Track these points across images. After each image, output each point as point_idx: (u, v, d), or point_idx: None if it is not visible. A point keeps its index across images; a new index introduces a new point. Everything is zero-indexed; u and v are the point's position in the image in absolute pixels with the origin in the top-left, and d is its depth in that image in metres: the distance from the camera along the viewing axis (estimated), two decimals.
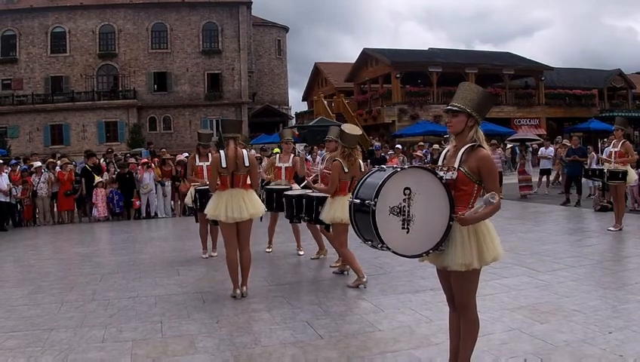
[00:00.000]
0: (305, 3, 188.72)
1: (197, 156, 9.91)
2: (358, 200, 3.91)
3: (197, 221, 10.18)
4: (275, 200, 9.39)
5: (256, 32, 59.41)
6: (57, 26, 49.77)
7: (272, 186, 9.77)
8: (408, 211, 3.80)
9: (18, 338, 5.64)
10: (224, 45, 51.82)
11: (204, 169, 9.63)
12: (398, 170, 3.85)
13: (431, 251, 3.88)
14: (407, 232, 3.81)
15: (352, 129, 7.69)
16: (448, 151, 4.09)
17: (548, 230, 11.73)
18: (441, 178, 3.87)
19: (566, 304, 6.11)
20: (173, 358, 4.98)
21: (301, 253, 9.77)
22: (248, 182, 7.12)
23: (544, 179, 20.46)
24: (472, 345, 4.04)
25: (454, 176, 3.86)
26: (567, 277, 7.34)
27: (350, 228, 6.28)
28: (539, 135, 37.06)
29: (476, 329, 4.03)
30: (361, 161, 7.75)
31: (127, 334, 5.68)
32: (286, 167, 9.92)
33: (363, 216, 3.85)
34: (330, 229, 8.08)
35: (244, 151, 7.10)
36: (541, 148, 22.24)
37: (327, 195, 7.65)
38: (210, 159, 8.95)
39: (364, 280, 7.27)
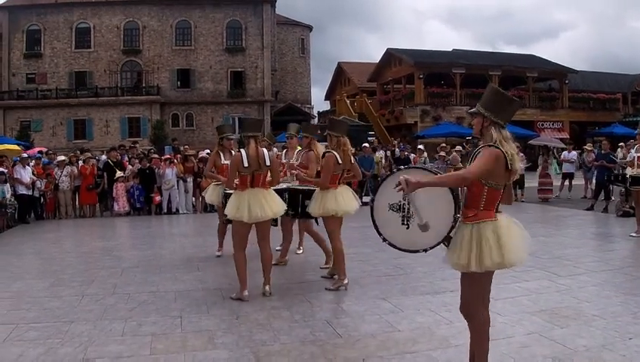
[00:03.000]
0: (329, 1, 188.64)
1: (221, 153, 9.22)
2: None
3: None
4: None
5: (280, 30, 59.52)
6: (82, 21, 50.29)
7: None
8: (408, 208, 4.01)
9: (39, 329, 5.71)
10: (248, 43, 51.94)
11: None
12: (402, 168, 4.18)
13: (432, 248, 4.04)
14: (407, 228, 4.04)
15: (340, 119, 7.72)
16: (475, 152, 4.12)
17: (569, 234, 11.64)
18: None
19: (586, 309, 6.07)
20: (192, 353, 5.02)
21: (299, 251, 9.68)
22: (268, 178, 7.10)
23: (566, 183, 20.25)
24: (485, 349, 4.01)
25: None
26: (588, 282, 7.29)
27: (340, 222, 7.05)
28: (561, 139, 36.73)
29: (484, 335, 4.01)
30: (351, 153, 7.68)
31: (147, 328, 5.73)
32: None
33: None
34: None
35: (265, 150, 7.07)
36: (564, 152, 22.02)
37: (314, 189, 7.51)
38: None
39: (345, 282, 7.20)
